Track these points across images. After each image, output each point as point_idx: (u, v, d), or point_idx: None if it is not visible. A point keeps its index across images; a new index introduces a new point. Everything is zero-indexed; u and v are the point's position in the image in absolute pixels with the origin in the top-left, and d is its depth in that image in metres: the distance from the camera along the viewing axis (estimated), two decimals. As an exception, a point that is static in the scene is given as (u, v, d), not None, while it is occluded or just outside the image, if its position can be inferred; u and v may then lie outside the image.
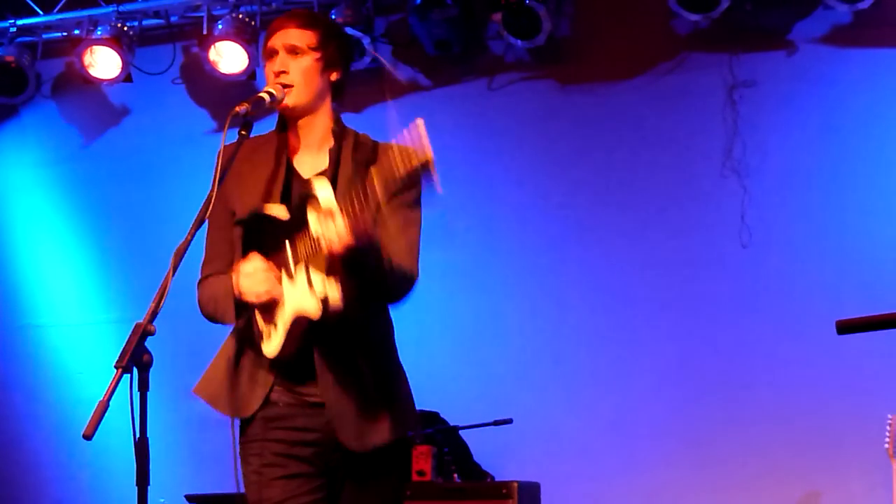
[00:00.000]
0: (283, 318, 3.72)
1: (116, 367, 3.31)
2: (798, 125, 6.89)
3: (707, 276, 6.92)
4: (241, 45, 7.34)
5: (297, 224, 3.63)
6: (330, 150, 3.89)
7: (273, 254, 3.72)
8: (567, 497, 6.92)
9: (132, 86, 7.78)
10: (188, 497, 6.25)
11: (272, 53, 3.85)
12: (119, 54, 7.55)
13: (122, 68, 7.60)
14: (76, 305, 8.04)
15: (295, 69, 3.85)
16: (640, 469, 6.84)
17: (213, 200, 3.58)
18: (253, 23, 7.43)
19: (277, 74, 3.83)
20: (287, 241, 3.67)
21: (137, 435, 3.35)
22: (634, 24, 7.23)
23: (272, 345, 3.79)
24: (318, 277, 3.62)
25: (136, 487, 3.39)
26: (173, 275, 3.48)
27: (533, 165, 7.09)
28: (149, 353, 3.36)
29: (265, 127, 7.13)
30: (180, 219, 3.75)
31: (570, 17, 7.27)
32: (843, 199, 6.74)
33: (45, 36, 7.98)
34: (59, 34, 7.98)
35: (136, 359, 3.32)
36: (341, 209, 3.45)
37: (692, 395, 6.80)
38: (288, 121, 3.96)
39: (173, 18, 7.87)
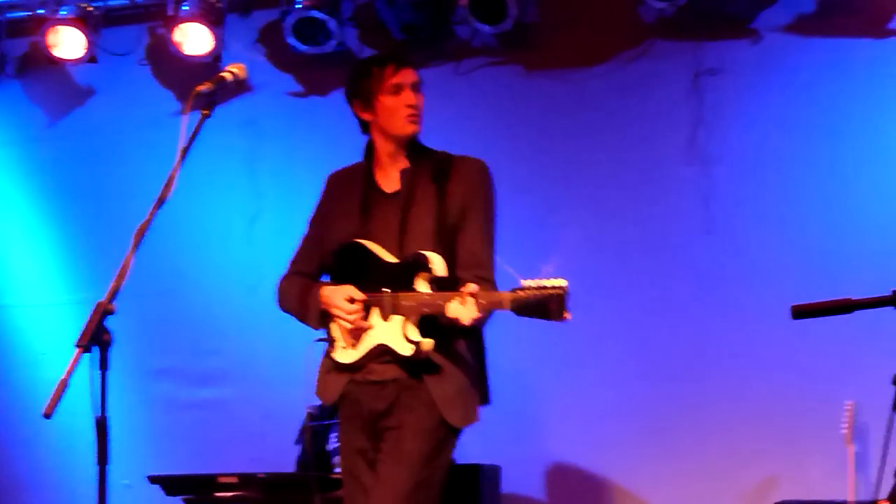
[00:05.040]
0: (366, 343, 4.43)
1: (77, 346, 3.35)
2: (762, 113, 6.92)
3: (670, 263, 6.95)
4: (206, 26, 7.32)
5: (398, 272, 4.37)
6: (403, 172, 4.59)
7: (362, 280, 4.44)
8: (527, 480, 6.97)
9: (97, 66, 7.75)
10: (151, 478, 6.25)
11: (399, 88, 4.57)
12: (84, 34, 7.51)
13: (87, 49, 7.56)
14: (39, 286, 8.01)
15: (421, 103, 4.63)
16: (600, 452, 6.88)
17: (174, 180, 3.65)
18: (219, 4, 7.41)
19: (414, 107, 4.58)
20: (387, 288, 4.37)
21: (98, 413, 3.37)
22: (601, 11, 7.24)
23: (347, 356, 4.49)
24: (414, 331, 4.31)
25: (97, 466, 3.41)
26: (134, 254, 3.51)
27: (498, 150, 7.02)
28: (108, 331, 3.38)
29: (233, 107, 7.14)
30: (144, 199, 3.77)
31: (537, 3, 7.27)
32: (806, 188, 6.78)
33: (9, 15, 7.92)
34: (24, 13, 7.93)
35: (96, 337, 3.34)
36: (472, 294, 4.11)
37: (653, 380, 6.84)
38: (377, 144, 4.64)
39: (139, -1, 7.85)
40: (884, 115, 6.67)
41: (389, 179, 4.62)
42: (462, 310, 4.14)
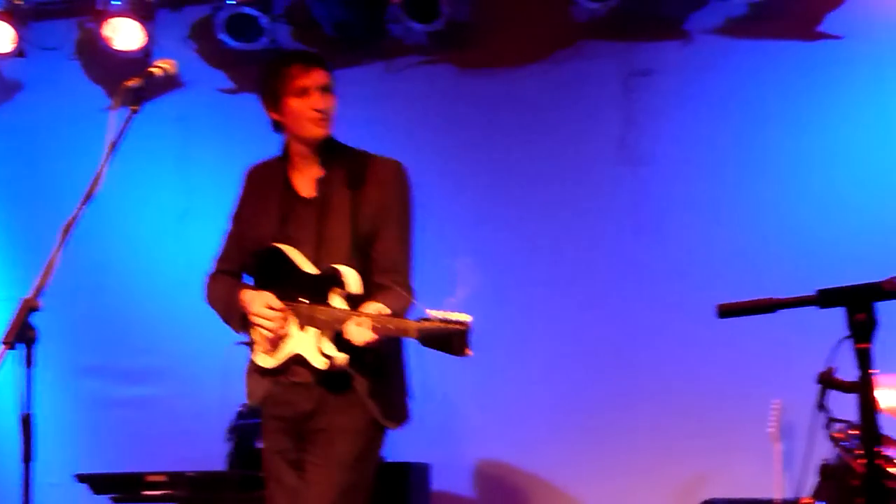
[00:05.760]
0: (283, 351, 4.41)
1: (2, 343, 3.33)
2: (692, 115, 6.98)
3: (600, 262, 6.99)
4: (137, 21, 7.27)
5: (315, 284, 4.34)
6: (318, 180, 4.51)
7: (281, 286, 4.41)
8: (457, 478, 6.99)
9: (26, 61, 7.68)
10: (78, 476, 6.20)
11: (306, 91, 4.45)
12: (12, 28, 7.43)
13: (16, 43, 7.47)
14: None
15: (329, 105, 4.49)
16: (530, 449, 6.92)
17: (102, 176, 3.63)
18: (149, -1, 7.37)
19: (320, 111, 4.45)
20: (306, 299, 4.35)
21: (24, 410, 3.34)
22: (533, 11, 7.27)
23: (266, 361, 4.47)
24: (329, 345, 4.29)
25: (23, 463, 3.38)
26: (61, 250, 3.48)
27: (430, 149, 7.10)
28: (34, 328, 3.35)
29: (164, 103, 7.09)
30: (72, 196, 3.73)
31: (470, 3, 7.29)
32: (734, 188, 6.85)
33: (-64, 9, 7.82)
34: (-49, 7, 7.83)
35: (21, 334, 3.31)
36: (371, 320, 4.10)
37: (582, 378, 6.88)
38: (291, 146, 4.56)
39: (69, -7, 7.77)
40: (812, 115, 6.75)
41: (305, 182, 4.56)
42: (356, 331, 4.12)
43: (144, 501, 6.11)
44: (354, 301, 4.30)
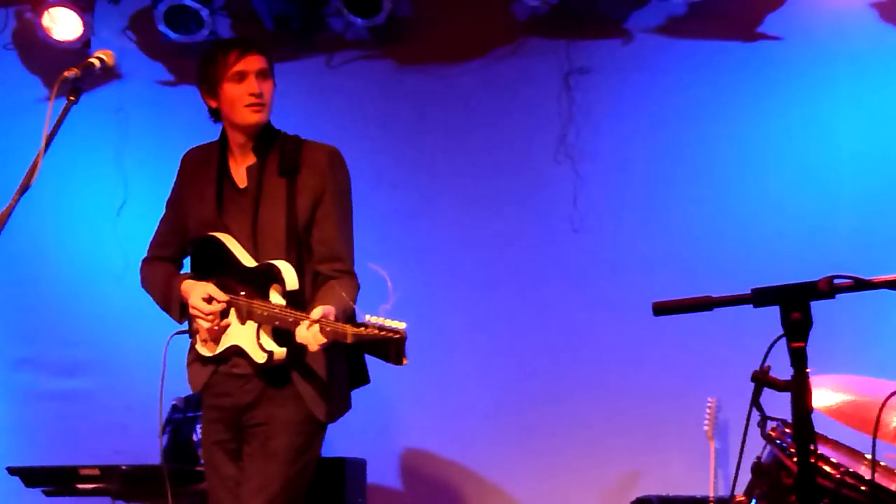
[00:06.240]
0: (224, 342, 4.42)
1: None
2: (631, 113, 7.01)
3: (538, 260, 7.01)
4: (75, 11, 7.20)
5: (254, 278, 4.33)
6: (249, 168, 4.49)
7: (220, 277, 4.41)
8: (393, 474, 6.99)
9: (-40, 50, 7.60)
10: (10, 469, 6.14)
11: (243, 76, 4.42)
12: (-52, 17, 7.36)
13: (-49, 32, 7.41)
14: None
15: (266, 91, 4.47)
16: (466, 446, 6.93)
17: (38, 167, 3.60)
18: (89, -11, 7.30)
19: (256, 96, 4.42)
20: (243, 292, 4.34)
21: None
22: (474, 7, 7.27)
23: (207, 351, 4.46)
24: (268, 340, 4.30)
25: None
26: (-5, 242, 3.46)
27: (368, 144, 7.09)
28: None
29: (102, 94, 7.03)
30: (8, 187, 3.69)
31: (411, -2, 7.30)
32: (673, 187, 6.88)
33: None
34: None
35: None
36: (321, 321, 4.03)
37: (518, 375, 6.90)
38: (228, 133, 4.51)
39: (6, -18, 7.70)
40: (750, 116, 6.80)
41: (241, 172, 4.53)
42: (309, 337, 4.08)
43: (77, 495, 6.06)
44: (292, 297, 4.28)
